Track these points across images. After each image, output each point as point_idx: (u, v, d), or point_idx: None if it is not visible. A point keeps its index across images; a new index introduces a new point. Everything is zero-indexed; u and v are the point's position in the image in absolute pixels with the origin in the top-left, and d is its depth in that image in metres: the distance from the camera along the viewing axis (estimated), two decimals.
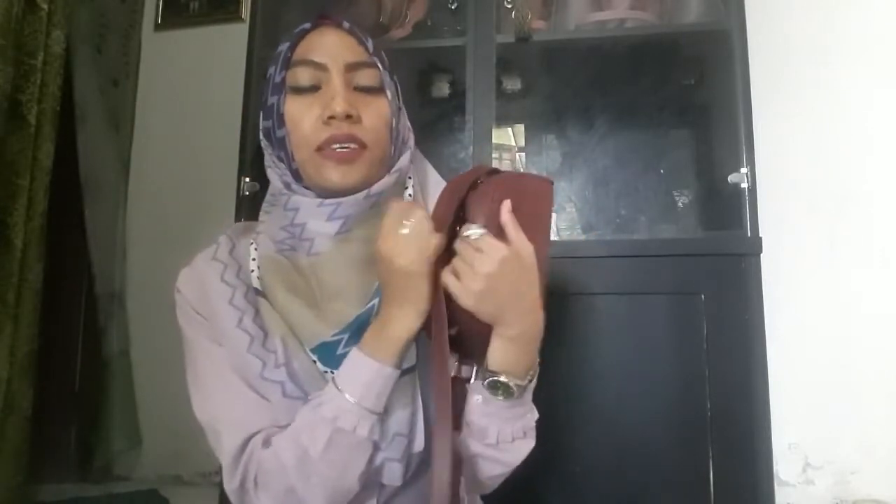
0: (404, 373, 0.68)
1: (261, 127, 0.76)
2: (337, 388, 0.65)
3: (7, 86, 1.40)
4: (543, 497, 1.20)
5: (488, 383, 0.65)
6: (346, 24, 0.75)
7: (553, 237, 1.57)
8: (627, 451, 1.23)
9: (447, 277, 0.63)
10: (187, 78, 1.96)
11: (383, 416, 0.66)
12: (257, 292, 0.73)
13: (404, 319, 0.64)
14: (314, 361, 0.70)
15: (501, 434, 0.67)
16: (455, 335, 0.66)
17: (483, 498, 0.82)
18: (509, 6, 1.43)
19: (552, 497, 1.21)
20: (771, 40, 1.50)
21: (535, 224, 0.66)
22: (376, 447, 0.66)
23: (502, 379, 0.64)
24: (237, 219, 1.39)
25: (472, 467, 0.70)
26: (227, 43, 1.84)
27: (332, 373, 0.68)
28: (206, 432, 0.72)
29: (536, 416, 0.71)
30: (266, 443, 0.67)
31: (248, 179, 1.41)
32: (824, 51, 1.55)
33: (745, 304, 1.22)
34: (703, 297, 1.23)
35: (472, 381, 0.68)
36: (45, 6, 1.51)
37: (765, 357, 1.21)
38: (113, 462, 1.80)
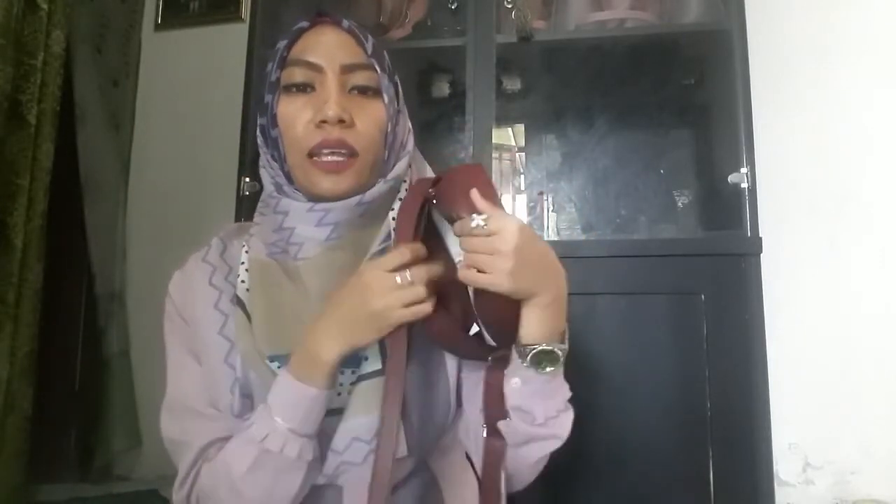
0: (368, 377, 0.68)
1: (258, 124, 0.75)
2: (268, 409, 0.65)
3: (7, 86, 1.41)
4: (543, 497, 1.20)
5: (532, 357, 0.64)
6: (345, 24, 0.73)
7: (553, 237, 1.59)
8: (627, 451, 1.23)
9: (472, 275, 0.62)
10: (187, 78, 1.96)
11: (334, 426, 0.67)
12: (237, 300, 0.72)
13: (335, 348, 0.63)
14: (275, 371, 0.68)
15: (548, 411, 0.68)
16: (484, 330, 0.67)
17: None
18: (509, 6, 1.43)
19: (552, 497, 1.21)
20: (771, 40, 1.50)
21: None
22: (312, 467, 0.65)
23: (545, 347, 0.64)
24: (237, 219, 1.39)
25: (525, 452, 0.70)
26: (227, 43, 1.84)
27: None
28: (170, 448, 0.72)
29: (568, 386, 0.71)
30: (213, 456, 0.68)
31: (248, 179, 1.41)
32: (824, 51, 1.55)
33: (745, 304, 1.22)
34: (703, 297, 1.23)
35: (509, 365, 0.68)
36: (45, 6, 1.51)
37: (765, 357, 1.21)
38: (113, 462, 1.81)
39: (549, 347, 0.64)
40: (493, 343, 0.69)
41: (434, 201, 0.68)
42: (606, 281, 1.28)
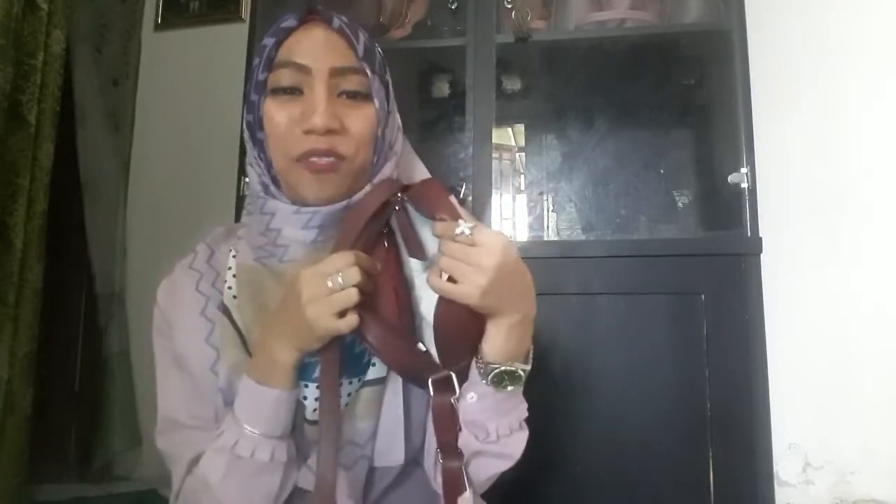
0: (371, 384, 0.68)
1: (244, 119, 0.74)
2: (234, 416, 0.64)
3: (7, 86, 1.40)
4: (544, 497, 1.20)
5: (494, 376, 0.63)
6: (335, 23, 0.71)
7: (553, 237, 1.59)
8: (627, 451, 1.23)
9: (441, 284, 0.61)
10: (187, 78, 1.96)
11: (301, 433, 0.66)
12: (224, 308, 0.71)
13: (290, 351, 0.62)
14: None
15: (500, 428, 0.66)
16: (439, 345, 0.65)
17: (484, 498, 0.82)
18: (509, 6, 1.43)
19: (552, 497, 1.21)
20: (771, 40, 1.50)
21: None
22: (290, 466, 0.65)
23: (508, 367, 0.63)
24: (237, 219, 1.39)
25: (474, 468, 0.68)
26: (227, 43, 1.84)
27: None
28: (166, 460, 0.72)
29: (526, 405, 0.70)
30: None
31: (247, 179, 1.40)
32: (824, 51, 1.55)
33: (745, 304, 1.22)
34: (703, 297, 1.23)
35: (466, 382, 0.66)
36: (45, 6, 1.51)
37: (765, 357, 1.21)
38: (113, 462, 1.81)
39: (513, 368, 0.63)
40: (439, 361, 0.66)
41: (398, 207, 0.68)
42: (606, 281, 1.28)
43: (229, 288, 0.72)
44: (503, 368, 0.63)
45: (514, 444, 0.68)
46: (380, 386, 0.68)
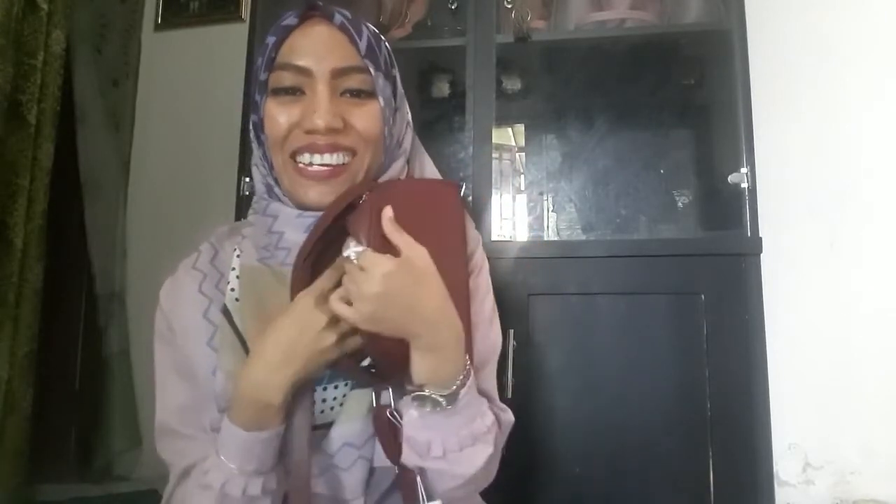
0: (360, 385, 0.67)
1: (250, 120, 0.73)
2: (219, 455, 0.62)
3: (7, 86, 1.40)
4: (543, 497, 1.20)
5: (413, 397, 0.62)
6: (336, 19, 0.69)
7: (553, 237, 1.59)
8: (627, 451, 1.23)
9: (338, 306, 0.60)
10: (187, 78, 1.96)
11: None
12: (224, 312, 0.70)
13: (280, 388, 0.61)
14: None
15: (446, 445, 0.63)
16: (372, 362, 0.65)
17: (484, 498, 0.82)
18: (509, 6, 1.43)
19: (552, 497, 1.21)
20: (771, 40, 1.50)
21: (439, 226, 0.65)
22: (279, 489, 0.64)
23: (424, 392, 0.61)
24: (237, 219, 1.39)
25: (430, 482, 0.66)
26: (227, 43, 1.84)
27: None
28: (166, 462, 0.71)
29: (489, 420, 0.67)
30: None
31: (248, 179, 1.41)
32: (824, 51, 1.55)
33: (745, 304, 1.22)
34: (703, 297, 1.23)
35: (401, 400, 0.66)
36: (45, 6, 1.51)
37: (765, 357, 1.21)
38: (113, 462, 1.80)
39: (426, 393, 0.61)
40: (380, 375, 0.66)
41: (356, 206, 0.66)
42: (606, 281, 1.28)
43: (232, 290, 0.72)
44: (417, 393, 0.62)
45: (466, 461, 0.65)
46: (370, 389, 0.68)
